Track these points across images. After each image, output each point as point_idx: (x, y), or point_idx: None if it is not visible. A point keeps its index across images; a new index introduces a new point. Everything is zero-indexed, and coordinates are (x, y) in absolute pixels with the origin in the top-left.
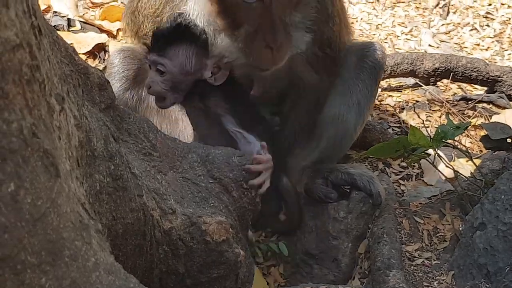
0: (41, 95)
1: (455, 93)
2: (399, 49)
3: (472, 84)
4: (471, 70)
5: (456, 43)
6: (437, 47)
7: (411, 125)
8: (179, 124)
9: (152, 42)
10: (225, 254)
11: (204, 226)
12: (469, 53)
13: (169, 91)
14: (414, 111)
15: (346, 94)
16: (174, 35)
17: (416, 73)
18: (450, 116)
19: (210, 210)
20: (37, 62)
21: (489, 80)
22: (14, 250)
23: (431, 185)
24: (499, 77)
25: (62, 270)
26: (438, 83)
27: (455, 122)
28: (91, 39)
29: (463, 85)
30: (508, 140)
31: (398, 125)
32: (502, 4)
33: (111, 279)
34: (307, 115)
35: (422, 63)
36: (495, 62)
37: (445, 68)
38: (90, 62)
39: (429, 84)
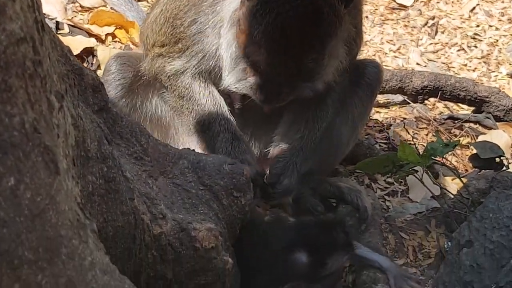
0: (42, 91)
1: (441, 112)
2: (387, 66)
3: (460, 104)
4: (460, 90)
5: (444, 63)
6: (425, 66)
7: (401, 141)
8: (170, 131)
9: None
10: (214, 261)
11: (194, 232)
12: (456, 73)
13: None
14: (404, 127)
15: (342, 108)
16: None
17: (405, 90)
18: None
19: (200, 217)
20: (39, 57)
21: (477, 100)
22: (12, 245)
23: (417, 201)
24: (487, 97)
25: (59, 267)
26: (426, 102)
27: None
28: (79, 42)
29: (450, 104)
30: (497, 159)
31: (385, 141)
32: (490, 26)
33: (106, 279)
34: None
35: (411, 81)
36: (482, 83)
37: (434, 86)
38: None
39: (417, 102)
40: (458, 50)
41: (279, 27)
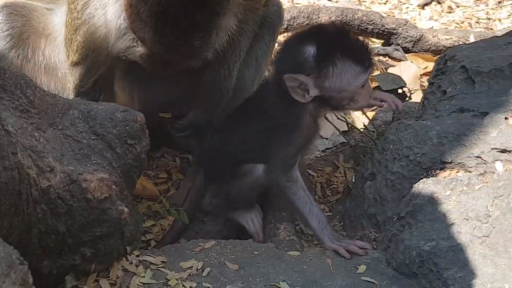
0: None
1: None
2: (298, 4)
3: (369, 37)
4: (367, 23)
5: None
6: (336, 1)
7: None
8: (67, 82)
9: None
10: (108, 211)
11: (85, 183)
12: (367, 7)
13: None
14: None
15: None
16: None
17: None
18: None
19: (92, 167)
20: None
21: (385, 33)
22: None
23: (326, 138)
24: (394, 29)
25: None
26: None
27: None
28: None
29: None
30: (399, 90)
31: None
32: None
33: None
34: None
35: (319, 17)
36: (393, 16)
37: (341, 21)
38: None
39: None
40: None
41: (165, 6)
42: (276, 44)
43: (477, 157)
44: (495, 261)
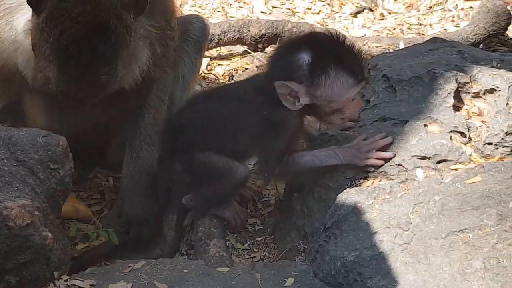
0: None
1: None
2: (232, 17)
3: None
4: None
5: (288, 8)
6: (270, 13)
7: None
8: None
9: None
10: (31, 238)
11: (6, 211)
12: (301, 18)
13: None
14: None
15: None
16: None
17: (244, 40)
18: None
19: (14, 194)
20: None
21: None
22: None
23: None
24: None
25: None
26: (266, 50)
27: None
28: None
29: None
30: None
31: None
32: None
33: None
34: None
35: (249, 30)
36: (327, 25)
37: (272, 33)
38: None
39: (257, 51)
40: None
41: (65, 44)
42: (271, 49)
43: (398, 165)
44: (416, 268)
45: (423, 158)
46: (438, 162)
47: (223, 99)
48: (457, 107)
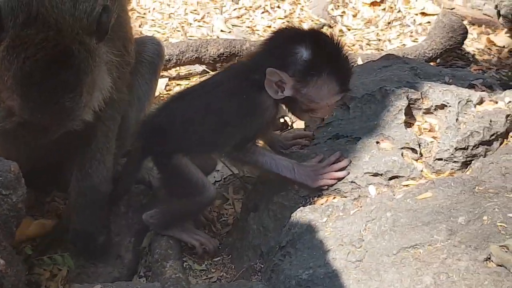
0: None
1: None
2: (192, 36)
3: None
4: None
5: (248, 27)
6: (229, 32)
7: None
8: None
9: None
10: None
11: None
12: (261, 36)
13: None
14: None
15: (128, 91)
16: None
17: (202, 60)
18: None
19: None
20: None
21: None
22: None
23: (217, 170)
24: None
25: None
26: None
27: None
28: None
29: None
30: (281, 120)
31: None
32: None
33: None
34: None
35: (207, 49)
36: None
37: (230, 52)
38: None
39: (216, 70)
40: (262, 13)
41: (28, 71)
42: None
43: (352, 182)
44: (368, 285)
45: (375, 175)
46: (390, 179)
47: (201, 92)
48: (408, 123)
